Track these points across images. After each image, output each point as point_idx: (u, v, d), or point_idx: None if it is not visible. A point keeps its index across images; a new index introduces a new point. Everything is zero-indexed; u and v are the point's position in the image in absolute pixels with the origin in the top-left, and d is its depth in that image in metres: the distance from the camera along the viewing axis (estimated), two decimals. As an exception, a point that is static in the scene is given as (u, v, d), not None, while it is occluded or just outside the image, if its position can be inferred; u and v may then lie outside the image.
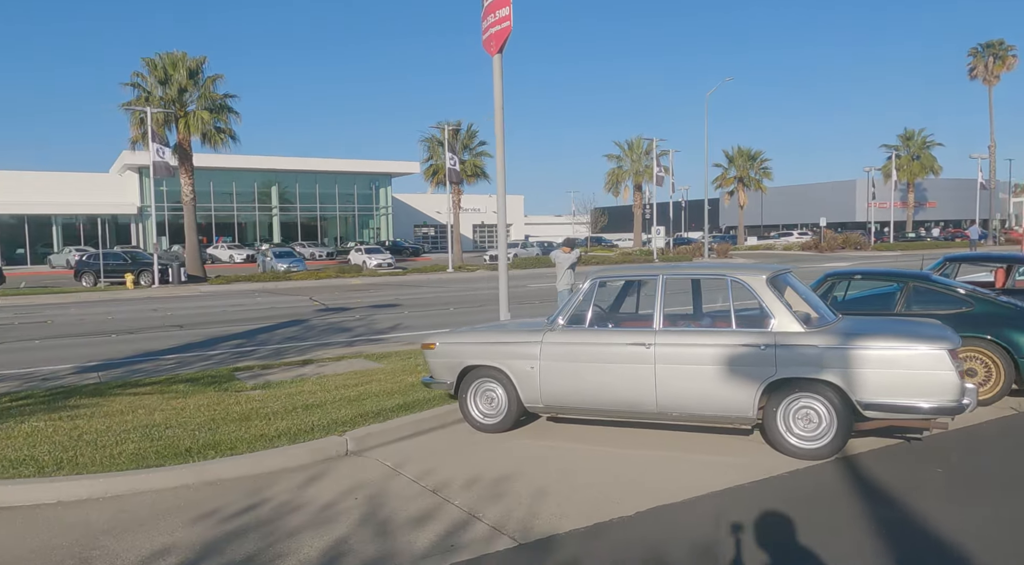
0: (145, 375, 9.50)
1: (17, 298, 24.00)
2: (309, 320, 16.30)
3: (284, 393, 7.63)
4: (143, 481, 5.01)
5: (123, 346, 12.85)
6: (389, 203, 60.86)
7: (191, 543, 4.11)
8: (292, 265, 36.28)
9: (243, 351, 11.96)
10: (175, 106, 32.00)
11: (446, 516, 4.37)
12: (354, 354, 10.64)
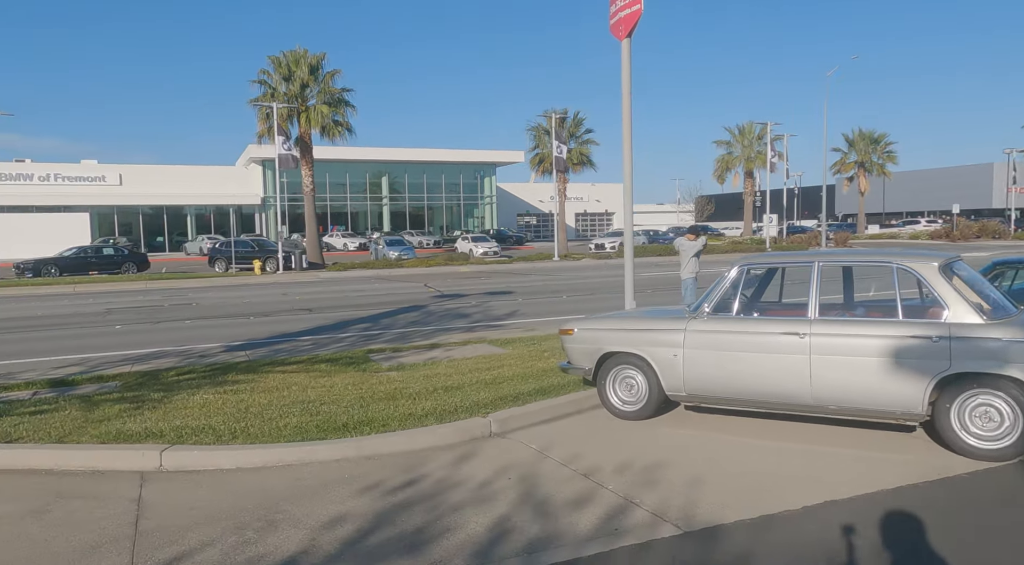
0: (287, 355, 10.13)
1: (161, 282, 26.17)
2: (427, 306, 16.81)
3: (420, 375, 7.91)
4: (309, 453, 5.35)
5: (261, 327, 13.73)
6: (494, 192, 61.62)
7: (363, 512, 4.35)
8: (403, 253, 37.51)
9: (370, 334, 12.50)
10: (297, 101, 33.71)
11: (602, 500, 4.39)
12: (477, 339, 10.87)
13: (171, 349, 11.28)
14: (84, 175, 49.95)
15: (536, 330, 11.73)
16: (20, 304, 19.67)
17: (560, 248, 38.06)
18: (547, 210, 73.64)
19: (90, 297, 21.48)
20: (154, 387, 7.69)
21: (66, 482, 5.05)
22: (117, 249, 33.91)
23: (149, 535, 4.10)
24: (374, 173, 57.48)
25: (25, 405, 6.89)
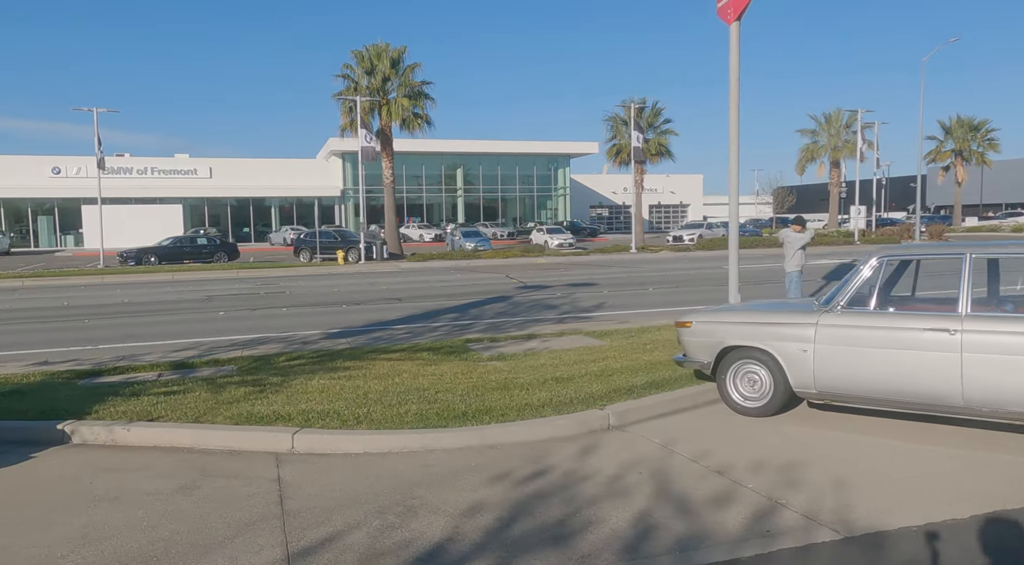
0: (386, 343, 10.31)
1: (252, 271, 27.23)
2: (513, 296, 16.83)
3: (526, 365, 7.88)
4: (434, 440, 5.39)
5: (355, 316, 14.06)
6: (567, 184, 61.27)
7: (499, 502, 4.34)
8: (479, 244, 37.75)
9: (462, 324, 12.59)
10: (379, 95, 34.35)
11: (745, 499, 4.24)
12: (571, 331, 10.78)
13: (273, 335, 11.67)
14: (177, 168, 52.53)
15: (629, 322, 11.54)
16: (129, 290, 20.84)
17: (637, 240, 37.50)
18: (620, 202, 72.76)
19: (189, 284, 22.55)
20: (269, 372, 7.95)
21: (207, 460, 5.26)
22: (210, 239, 35.50)
23: (296, 515, 4.21)
24: (449, 165, 58.10)
25: (157, 386, 7.25)
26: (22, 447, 5.64)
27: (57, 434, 5.76)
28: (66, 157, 50.34)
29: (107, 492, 4.66)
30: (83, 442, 5.73)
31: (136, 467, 5.16)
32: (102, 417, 6.02)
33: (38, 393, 7.01)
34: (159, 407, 6.25)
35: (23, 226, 49.95)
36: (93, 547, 3.84)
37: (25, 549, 3.85)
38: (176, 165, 52.82)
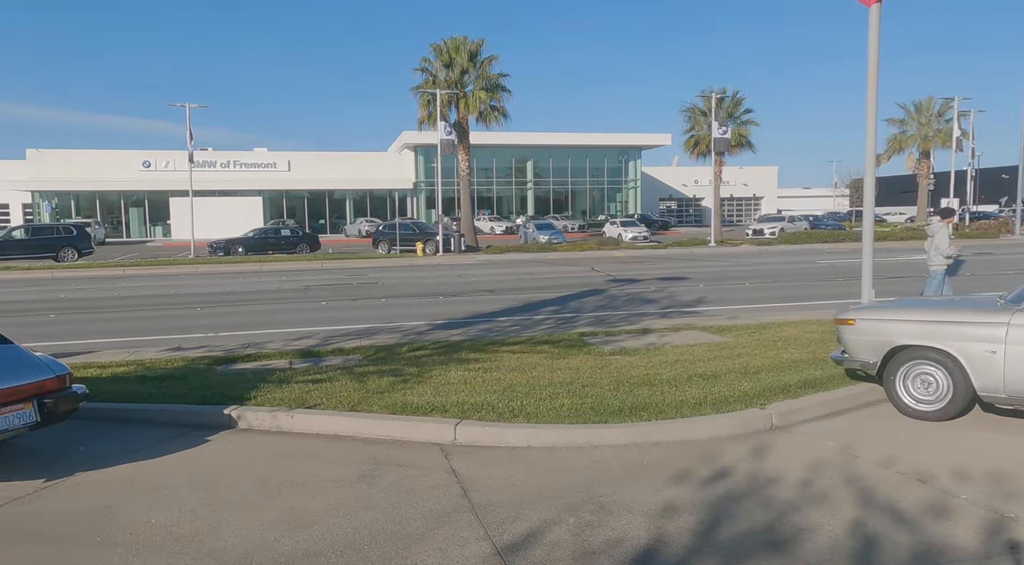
0: (499, 335, 10.28)
1: (335, 262, 27.82)
2: (606, 290, 16.62)
3: (657, 361, 7.70)
4: (598, 436, 5.29)
5: (454, 307, 14.13)
6: (638, 176, 60.39)
7: (691, 502, 4.19)
8: (552, 237, 37.58)
9: (565, 317, 12.48)
10: (456, 87, 34.52)
11: (964, 511, 3.97)
12: (684, 326, 10.50)
13: (381, 325, 11.83)
14: (257, 162, 54.21)
15: (740, 318, 11.18)
16: (225, 279, 21.59)
17: (715, 234, 36.61)
18: (690, 194, 71.31)
19: (279, 274, 23.20)
20: (400, 362, 8.02)
21: (374, 450, 5.31)
22: (293, 231, 36.50)
23: (487, 509, 4.17)
24: (519, 158, 58.05)
25: (299, 374, 7.40)
26: (195, 430, 5.83)
27: (224, 419, 5.93)
28: (155, 151, 52.72)
29: (292, 477, 4.74)
30: (248, 427, 5.88)
31: (308, 454, 5.25)
32: (261, 403, 6.16)
33: (191, 378, 7.25)
34: (312, 395, 6.36)
35: (114, 217, 52.53)
36: (302, 533, 3.89)
37: (238, 530, 3.93)
38: (256, 159, 54.52)
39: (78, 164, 50.26)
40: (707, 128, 39.50)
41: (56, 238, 30.34)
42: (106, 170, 50.63)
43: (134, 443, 5.52)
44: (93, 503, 4.34)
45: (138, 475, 4.83)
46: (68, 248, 30.06)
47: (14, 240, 29.86)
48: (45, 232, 31.02)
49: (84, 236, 31.20)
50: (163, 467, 5.00)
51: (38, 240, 30.04)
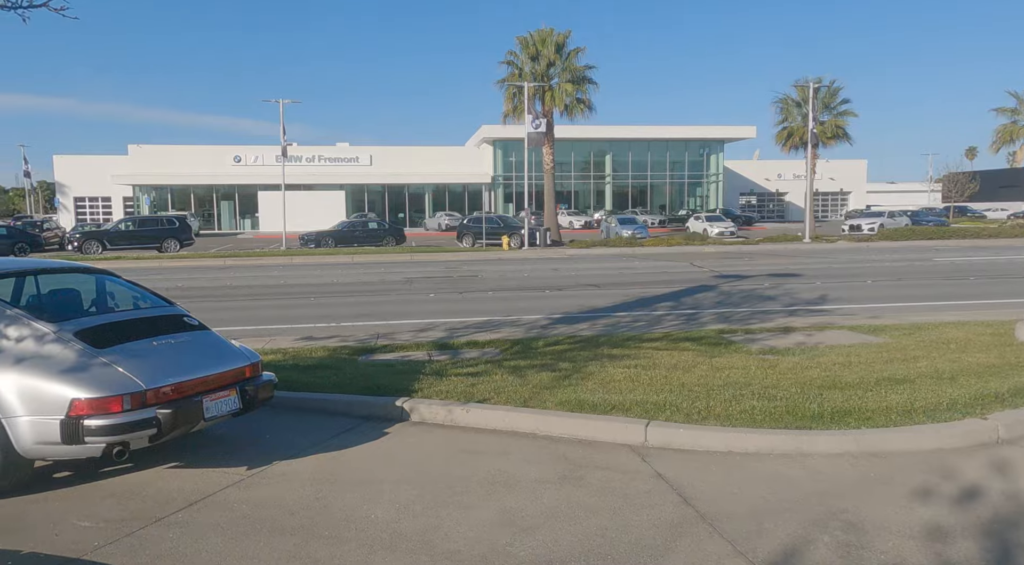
0: (628, 330, 9.93)
1: (422, 255, 28.02)
2: (717, 286, 16.00)
3: (828, 362, 7.17)
4: (807, 443, 4.88)
5: (563, 301, 13.83)
6: (720, 170, 58.67)
7: (959, 526, 3.75)
8: (636, 232, 36.81)
9: (684, 313, 12.01)
10: (542, 80, 34.21)
11: None
12: (826, 325, 9.86)
13: (499, 318, 11.66)
14: (340, 156, 55.42)
15: (882, 318, 10.46)
16: (325, 271, 21.99)
17: (809, 229, 35.08)
18: (773, 189, 68.84)
19: (373, 266, 23.49)
20: (542, 356, 7.78)
21: (562, 448, 5.06)
22: (380, 223, 37.09)
23: (721, 520, 3.84)
24: (597, 152, 57.31)
25: (453, 366, 7.26)
26: (368, 422, 5.73)
27: (396, 411, 5.80)
28: (246, 146, 54.56)
29: (491, 475, 4.53)
30: (421, 420, 5.74)
31: (495, 450, 5.04)
32: (428, 396, 6.02)
33: (344, 368, 7.21)
34: (477, 389, 6.17)
35: (206, 210, 54.71)
36: (530, 538, 3.66)
37: (462, 531, 3.74)
38: (339, 153, 55.75)
39: (175, 159, 52.59)
40: (801, 119, 37.92)
41: (160, 229, 31.75)
42: (200, 165, 52.77)
43: (315, 433, 5.45)
44: (304, 494, 4.24)
45: (335, 467, 4.72)
46: (171, 239, 31.40)
47: (123, 231, 31.39)
48: (150, 224, 32.49)
49: (185, 228, 32.53)
50: (355, 459, 4.88)
51: (144, 231, 31.49)
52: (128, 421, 3.99)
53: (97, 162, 53.63)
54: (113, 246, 30.29)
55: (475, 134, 57.09)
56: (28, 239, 30.30)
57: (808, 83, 34.91)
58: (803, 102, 37.35)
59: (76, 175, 54.06)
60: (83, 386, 3.99)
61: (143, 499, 4.18)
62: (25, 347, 4.15)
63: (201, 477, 4.52)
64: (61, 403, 3.95)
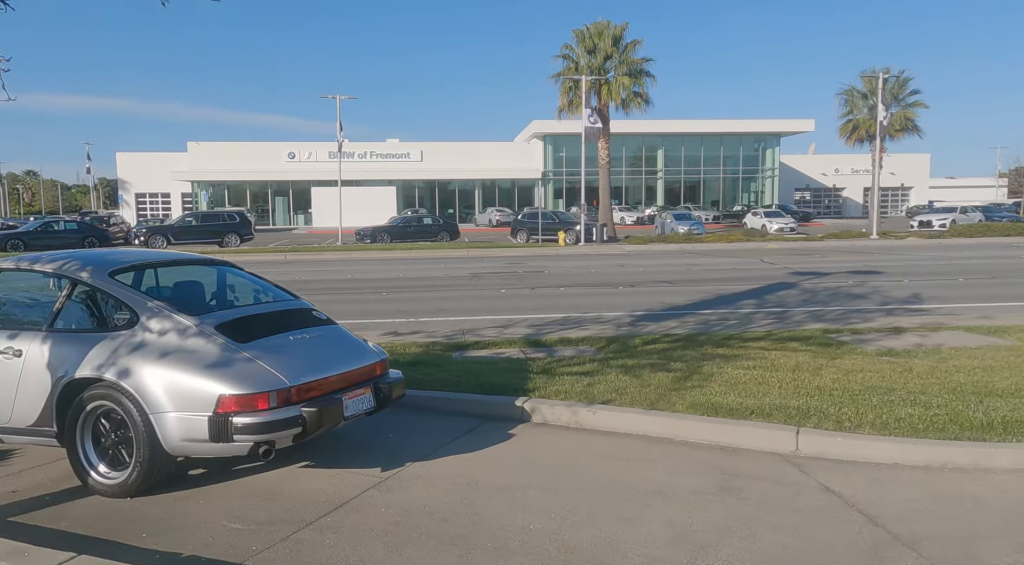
0: (720, 329, 9.52)
1: (479, 250, 27.84)
2: (797, 283, 15.39)
3: (969, 365, 6.66)
4: (985, 456, 4.46)
5: (640, 298, 13.44)
6: (776, 165, 57.17)
7: None
8: (693, 228, 36.06)
9: (773, 311, 11.52)
10: (599, 74, 33.70)
11: None
12: (937, 325, 9.26)
13: (578, 315, 11.35)
14: (392, 153, 55.77)
15: (995, 318, 9.82)
16: (389, 266, 22.01)
17: (875, 225, 33.79)
18: (829, 184, 66.87)
19: (433, 262, 23.40)
20: (645, 355, 7.46)
21: (704, 455, 4.74)
22: (434, 219, 37.12)
23: (923, 544, 3.47)
24: (649, 146, 56.40)
25: (562, 365, 6.99)
26: (489, 422, 5.49)
27: (515, 411, 5.56)
28: (299, 143, 55.36)
29: (642, 484, 4.24)
30: (543, 421, 5.48)
31: (635, 456, 4.75)
32: (546, 396, 5.75)
33: (447, 365, 7.01)
34: (596, 389, 5.88)
35: (260, 206, 55.68)
36: (709, 556, 3.36)
37: (636, 549, 3.45)
38: (390, 149, 56.09)
39: (231, 155, 53.63)
40: (867, 111, 36.57)
41: (221, 224, 32.33)
42: (255, 161, 53.73)
43: (437, 433, 5.23)
44: (449, 500, 4.01)
45: (471, 471, 4.48)
46: (232, 234, 31.94)
47: (188, 226, 32.07)
48: (212, 219, 33.12)
49: (246, 223, 33.07)
50: (490, 463, 4.64)
51: (207, 226, 32.11)
52: (275, 419, 3.82)
53: (157, 159, 55.10)
54: (177, 241, 30.94)
55: (525, 129, 56.80)
56: (97, 234, 31.17)
57: (876, 73, 33.56)
58: (870, 94, 36.03)
59: (137, 172, 55.66)
60: (229, 382, 3.83)
61: (285, 500, 4.01)
62: (168, 340, 4.02)
63: (336, 478, 4.34)
64: (208, 399, 3.80)
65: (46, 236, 30.05)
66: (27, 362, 4.13)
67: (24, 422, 4.17)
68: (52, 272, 4.45)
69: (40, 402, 4.09)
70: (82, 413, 4.03)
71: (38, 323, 4.36)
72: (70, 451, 4.09)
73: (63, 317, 4.31)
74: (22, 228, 31.90)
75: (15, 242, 29.07)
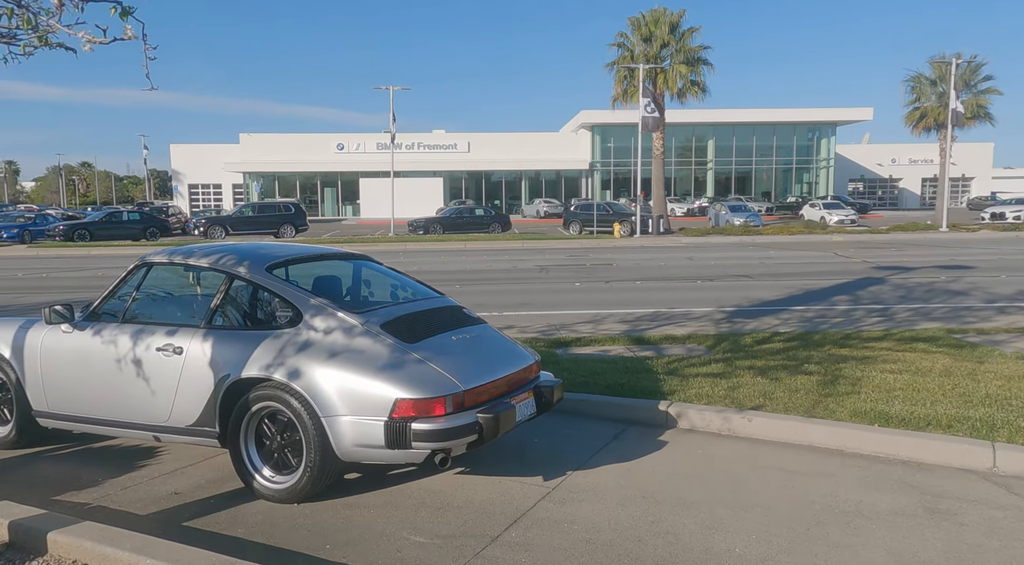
0: (824, 326, 9.07)
1: (535, 242, 27.54)
2: (885, 278, 14.73)
3: None
4: None
5: (723, 293, 12.98)
6: (831, 154, 55.52)
7: None
8: (749, 219, 35.17)
9: (871, 308, 10.97)
10: (655, 62, 32.99)
11: None
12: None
13: (666, 310, 11.00)
14: (439, 143, 55.72)
15: None
16: (447, 257, 21.88)
17: (945, 217, 32.50)
18: (885, 174, 64.79)
19: (491, 254, 23.17)
20: (770, 356, 7.06)
21: (888, 470, 4.36)
22: (486, 210, 36.93)
23: None
24: (699, 136, 55.27)
25: (683, 365, 6.66)
26: (632, 426, 5.20)
27: (659, 416, 5.25)
28: (348, 134, 55.65)
29: (833, 503, 3.90)
30: (691, 427, 5.17)
31: (809, 470, 4.40)
32: (687, 399, 5.44)
33: (559, 364, 6.73)
34: (742, 394, 5.54)
35: (308, 197, 56.25)
36: (958, 590, 3.01)
37: (868, 579, 3.12)
38: (437, 140, 56.05)
39: (281, 147, 54.23)
40: (935, 98, 35.13)
41: (277, 215, 32.61)
42: (305, 152, 54.22)
43: (583, 439, 4.96)
44: (630, 515, 3.73)
45: (638, 482, 4.19)
46: (287, 224, 32.20)
47: (244, 217, 32.44)
48: (269, 210, 33.43)
49: (301, 214, 33.31)
50: (652, 473, 4.35)
51: (263, 217, 32.43)
52: (453, 426, 3.58)
53: (209, 151, 55.99)
54: (235, 231, 31.33)
55: (572, 120, 56.17)
56: (159, 224, 31.75)
57: (948, 59, 32.20)
58: (939, 80, 34.61)
59: (190, 163, 56.68)
60: (405, 385, 3.60)
61: (457, 511, 3.78)
62: (335, 340, 3.81)
63: (499, 487, 4.10)
64: (384, 403, 3.58)
65: (111, 226, 30.72)
66: (187, 360, 3.97)
67: (183, 422, 4.02)
68: (208, 267, 4.28)
69: (201, 402, 3.93)
70: (247, 414, 3.86)
71: (195, 319, 4.20)
72: (233, 453, 3.92)
73: (220, 313, 4.14)
74: (88, 218, 32.66)
75: (82, 232, 29.76)
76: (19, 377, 4.47)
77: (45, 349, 4.38)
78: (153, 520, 3.65)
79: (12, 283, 16.50)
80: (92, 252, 25.53)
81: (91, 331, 4.28)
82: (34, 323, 4.54)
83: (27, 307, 12.66)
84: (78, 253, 25.47)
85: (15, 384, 4.51)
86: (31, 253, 25.80)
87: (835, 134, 55.50)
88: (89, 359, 4.23)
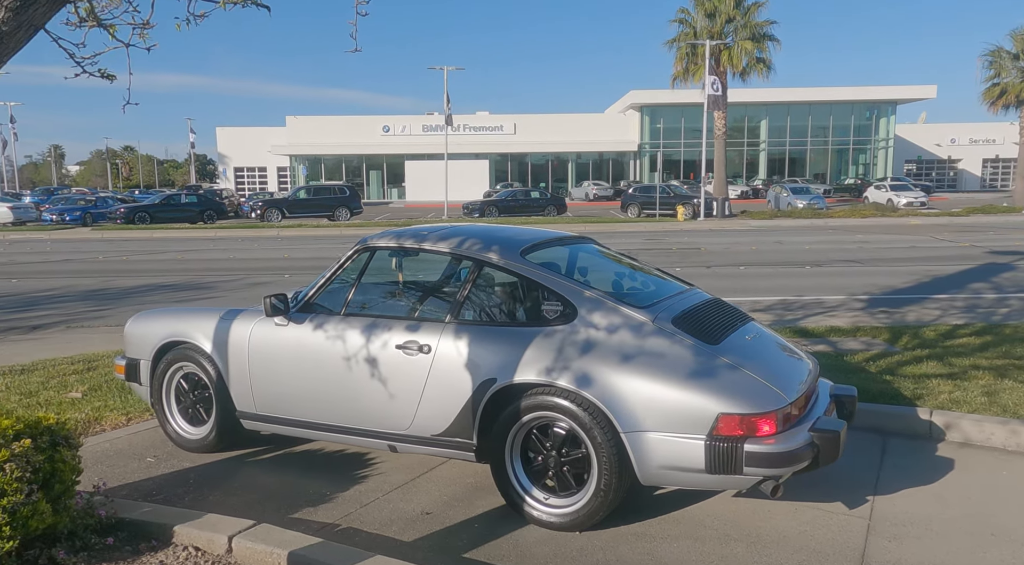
0: (995, 318, 8.25)
1: (597, 226, 26.79)
2: (1011, 264, 13.74)
3: None
4: None
5: (843, 279, 12.17)
6: (890, 135, 53.51)
7: None
8: (812, 202, 33.92)
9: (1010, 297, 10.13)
10: (719, 38, 31.77)
11: None
12: None
13: (793, 298, 10.28)
14: (484, 125, 54.91)
15: None
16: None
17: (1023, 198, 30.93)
18: (944, 156, 62.36)
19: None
20: (970, 353, 6.31)
21: None
22: (541, 193, 36.22)
23: None
24: (752, 117, 53.61)
25: (893, 363, 5.93)
26: (892, 439, 4.50)
27: (922, 426, 4.54)
28: (393, 117, 55.22)
29: None
30: (965, 440, 4.44)
31: None
32: (941, 406, 4.72)
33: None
34: (1004, 399, 4.81)
35: (353, 179, 56.02)
36: None
37: None
38: (483, 122, 55.24)
39: (327, 130, 53.95)
40: (1016, 74, 33.32)
41: (333, 198, 32.26)
42: (350, 135, 53.89)
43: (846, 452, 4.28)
44: (998, 558, 3.06)
45: (962, 512, 3.50)
46: (342, 208, 31.84)
47: (300, 200, 32.15)
48: (324, 192, 33.10)
49: (355, 196, 32.95)
50: (969, 500, 3.63)
51: (319, 200, 32.11)
52: (789, 449, 2.93)
53: (255, 134, 56.01)
54: (291, 214, 31.08)
55: (620, 100, 54.93)
56: (215, 207, 31.63)
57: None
58: (1021, 54, 32.78)
59: (235, 146, 56.76)
60: (728, 397, 2.96)
61: (778, 548, 3.12)
62: (624, 340, 3.18)
63: (798, 515, 3.43)
64: (704, 419, 2.95)
65: (169, 208, 30.68)
66: (436, 360, 3.38)
67: (429, 431, 3.44)
68: (448, 251, 3.68)
69: (454, 409, 3.34)
70: (515, 425, 3.25)
71: (437, 313, 3.61)
72: (497, 470, 3.33)
73: (470, 306, 3.54)
74: (147, 201, 32.68)
75: (142, 215, 29.74)
76: (222, 374, 3.94)
77: (255, 344, 3.83)
78: (427, 548, 3.08)
79: (95, 266, 16.29)
80: (155, 235, 25.44)
81: (311, 324, 3.71)
82: (237, 314, 3.99)
83: (124, 291, 12.33)
84: (142, 235, 25.39)
85: (216, 382, 3.98)
86: (97, 235, 25.78)
87: (895, 113, 53.44)
88: (310, 356, 3.67)
